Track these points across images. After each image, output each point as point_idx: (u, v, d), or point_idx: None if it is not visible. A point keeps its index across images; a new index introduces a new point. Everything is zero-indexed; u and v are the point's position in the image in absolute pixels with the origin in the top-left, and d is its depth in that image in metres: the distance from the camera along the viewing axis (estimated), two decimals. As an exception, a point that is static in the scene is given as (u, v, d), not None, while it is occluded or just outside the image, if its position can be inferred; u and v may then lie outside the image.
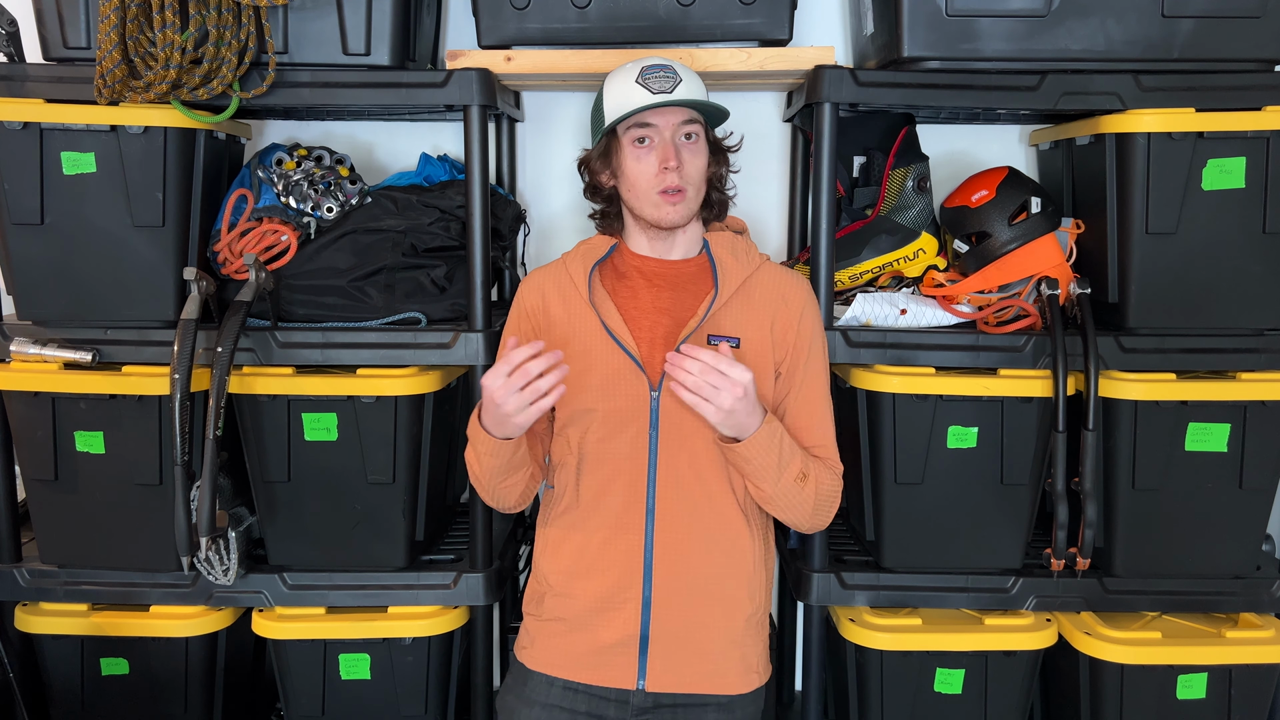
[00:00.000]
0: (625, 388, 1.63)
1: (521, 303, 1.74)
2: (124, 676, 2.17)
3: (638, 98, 1.61)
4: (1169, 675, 2.10)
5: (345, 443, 2.06)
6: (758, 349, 1.67)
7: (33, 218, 2.01)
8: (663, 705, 1.65)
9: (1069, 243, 2.15)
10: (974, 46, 1.98)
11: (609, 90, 1.67)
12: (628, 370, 1.63)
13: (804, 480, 1.62)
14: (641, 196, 1.64)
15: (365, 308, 2.10)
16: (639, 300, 1.68)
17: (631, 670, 1.63)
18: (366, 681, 2.15)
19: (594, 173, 1.71)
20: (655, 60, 1.66)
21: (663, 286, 1.69)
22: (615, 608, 1.64)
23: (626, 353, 1.63)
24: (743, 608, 1.69)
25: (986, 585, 2.13)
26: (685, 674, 1.65)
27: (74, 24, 2.00)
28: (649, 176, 1.62)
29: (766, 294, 1.71)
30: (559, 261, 1.76)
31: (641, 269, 1.71)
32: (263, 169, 2.16)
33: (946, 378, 2.04)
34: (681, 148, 1.62)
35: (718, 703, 1.67)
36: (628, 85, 1.63)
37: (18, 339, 2.05)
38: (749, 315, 1.68)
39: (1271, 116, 1.96)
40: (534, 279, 1.75)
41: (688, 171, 1.62)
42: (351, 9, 2.00)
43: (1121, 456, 2.05)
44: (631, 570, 1.63)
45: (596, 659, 1.65)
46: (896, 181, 2.23)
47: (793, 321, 1.70)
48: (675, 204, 1.62)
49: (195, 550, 1.98)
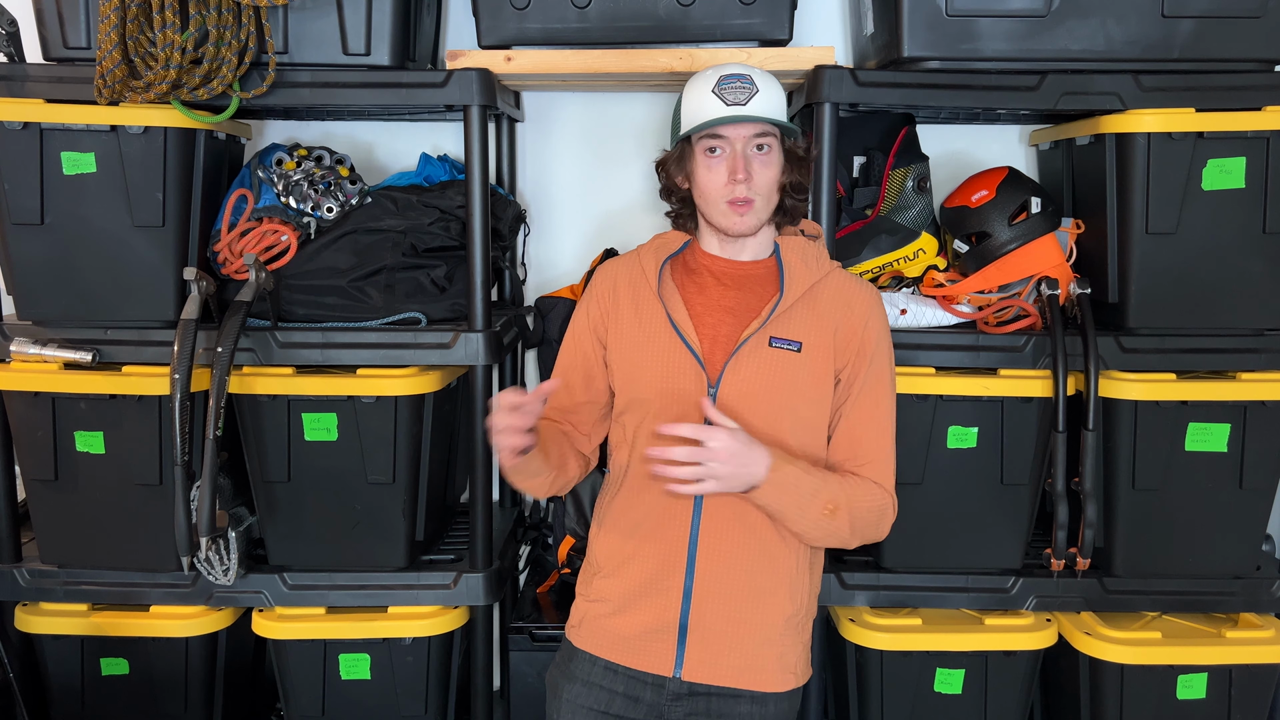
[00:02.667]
0: (683, 381, 1.65)
1: (594, 288, 1.78)
2: (124, 676, 2.17)
3: (711, 108, 1.63)
4: (1169, 675, 2.10)
5: (345, 443, 2.06)
6: (819, 354, 1.67)
7: (33, 218, 2.01)
8: (697, 694, 1.66)
9: (1069, 243, 2.15)
10: (974, 46, 1.98)
11: (688, 96, 1.68)
12: (688, 365, 1.65)
13: (833, 514, 1.60)
14: (711, 204, 1.67)
15: (365, 308, 2.10)
16: (706, 298, 1.70)
17: (670, 657, 1.65)
18: (366, 681, 2.15)
19: (669, 176, 1.73)
20: (734, 70, 1.66)
21: (730, 286, 1.71)
22: (657, 593, 1.66)
23: (689, 348, 1.65)
24: (782, 608, 1.68)
25: (986, 585, 2.13)
26: (721, 667, 1.66)
27: (74, 24, 2.00)
28: (719, 186, 1.64)
29: (833, 300, 1.70)
30: (634, 252, 1.80)
31: (711, 268, 1.73)
32: (263, 169, 2.16)
33: (946, 378, 2.04)
34: (752, 159, 1.64)
35: (751, 696, 1.68)
36: (704, 94, 1.65)
37: (18, 339, 2.05)
38: (813, 320, 1.69)
39: (1271, 116, 1.96)
40: (609, 267, 1.79)
41: (757, 183, 1.64)
42: (351, 9, 2.00)
43: (1121, 456, 2.05)
44: (675, 558, 1.65)
45: (637, 643, 1.67)
46: (896, 181, 2.23)
47: (856, 329, 1.69)
48: (743, 214, 1.65)
49: (195, 550, 1.98)
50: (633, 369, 1.70)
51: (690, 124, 1.65)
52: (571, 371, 1.77)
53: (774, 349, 1.65)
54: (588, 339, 1.76)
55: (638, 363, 1.69)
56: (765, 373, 1.64)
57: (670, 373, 1.66)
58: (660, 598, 1.65)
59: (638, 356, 1.69)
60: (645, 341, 1.69)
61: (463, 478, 2.50)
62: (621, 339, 1.72)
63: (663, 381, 1.66)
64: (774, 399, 1.65)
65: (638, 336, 1.70)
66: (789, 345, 1.66)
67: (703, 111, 1.64)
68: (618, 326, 1.73)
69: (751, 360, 1.64)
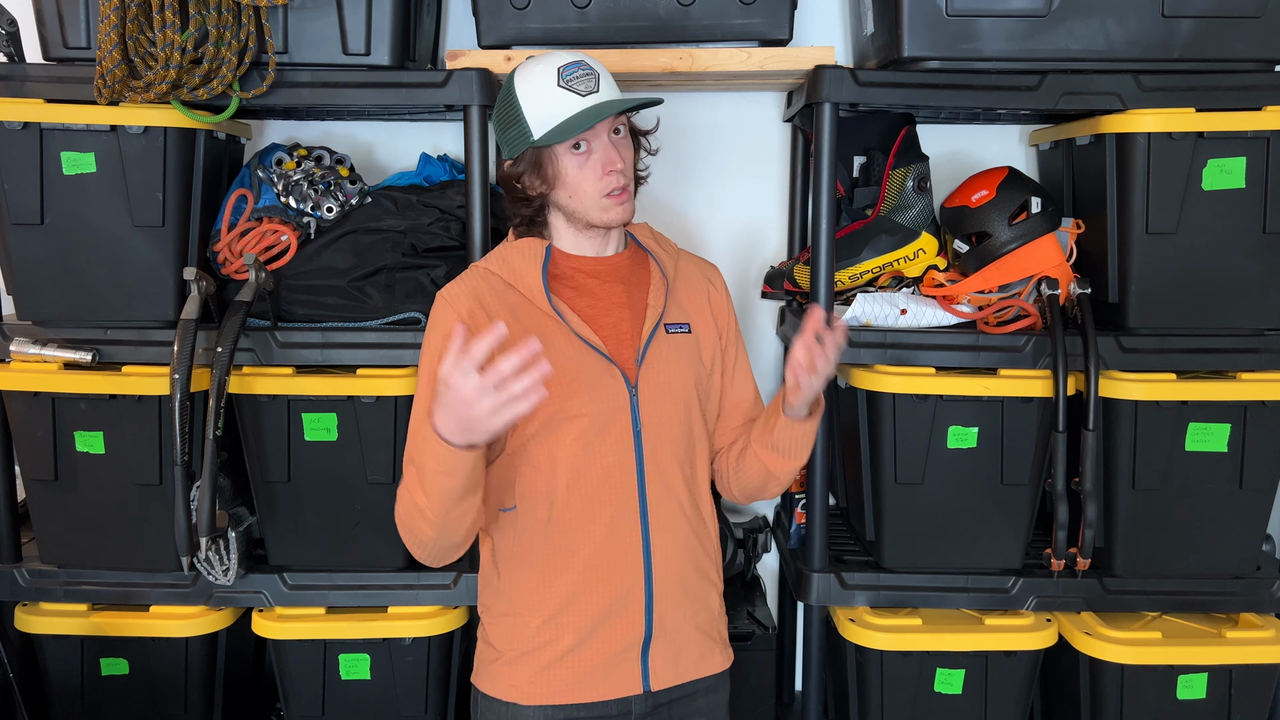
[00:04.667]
0: (605, 390, 1.58)
1: (451, 320, 1.57)
2: (124, 676, 2.16)
3: (567, 104, 1.54)
4: (1169, 675, 2.10)
5: (345, 443, 2.06)
6: (704, 332, 1.70)
7: (33, 218, 2.01)
8: (660, 704, 1.64)
9: (1069, 243, 2.15)
10: (974, 46, 1.98)
11: (527, 96, 1.56)
12: (604, 372, 1.59)
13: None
14: (588, 201, 1.58)
15: (365, 308, 2.10)
16: (595, 299, 1.63)
17: (635, 675, 1.61)
18: (366, 681, 2.15)
19: (525, 186, 1.60)
20: (570, 58, 1.58)
21: (614, 282, 1.66)
22: (620, 614, 1.60)
23: (602, 355, 1.59)
24: (717, 585, 1.72)
25: (986, 585, 2.13)
26: (682, 664, 1.65)
27: (74, 24, 1.99)
28: (594, 182, 1.57)
29: (694, 277, 1.73)
30: (480, 271, 1.64)
31: (582, 268, 1.65)
32: (263, 169, 2.16)
33: (946, 378, 2.04)
34: (617, 146, 1.58)
35: (705, 686, 1.68)
36: (549, 90, 1.55)
37: (18, 339, 2.05)
38: (690, 300, 1.70)
39: (1271, 116, 1.96)
40: (458, 293, 1.61)
41: (626, 169, 1.59)
42: (351, 9, 2.00)
43: (1121, 456, 2.05)
44: (634, 574, 1.60)
45: (602, 674, 1.61)
46: (896, 181, 2.23)
47: (722, 302, 1.74)
48: (622, 203, 1.59)
49: (195, 550, 1.98)
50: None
51: (548, 124, 1.54)
52: None
53: (671, 335, 1.65)
54: None
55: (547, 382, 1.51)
56: (672, 362, 1.63)
57: (589, 385, 1.57)
58: (623, 617, 1.59)
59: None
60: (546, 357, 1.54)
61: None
62: None
63: (583, 395, 1.56)
64: (684, 385, 1.65)
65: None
66: (681, 329, 1.66)
67: (559, 109, 1.54)
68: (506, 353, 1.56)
69: (658, 353, 1.62)
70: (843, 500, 2.47)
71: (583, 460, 1.59)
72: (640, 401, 1.60)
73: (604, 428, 1.59)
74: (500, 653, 1.64)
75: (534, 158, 1.58)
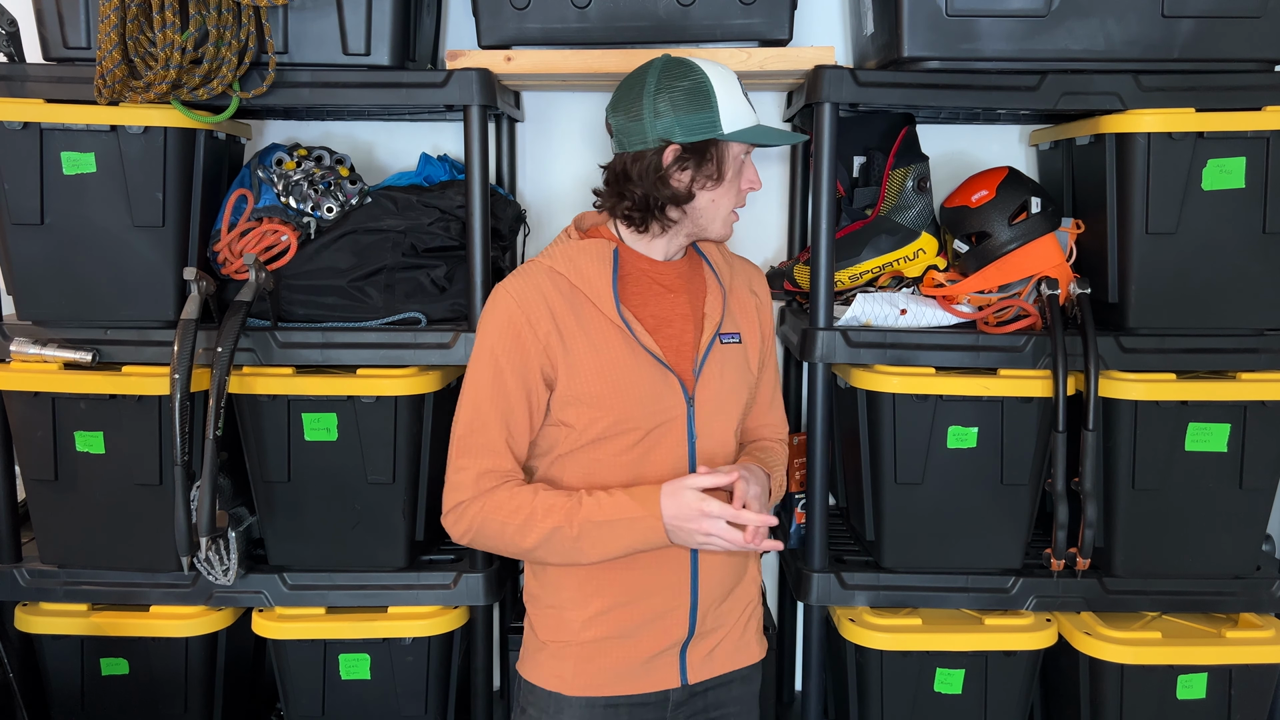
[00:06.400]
0: (664, 401, 1.57)
1: (521, 318, 1.54)
2: (124, 676, 2.17)
3: (747, 115, 1.56)
4: (1169, 675, 2.10)
5: (345, 443, 2.06)
6: (751, 339, 1.71)
7: (33, 218, 2.01)
8: (696, 693, 1.66)
9: (1069, 243, 2.15)
10: (974, 46, 1.98)
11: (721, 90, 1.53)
12: (663, 382, 1.57)
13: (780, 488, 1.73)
14: (720, 210, 1.59)
15: (365, 308, 2.10)
16: (660, 308, 1.61)
17: (674, 670, 1.63)
18: (366, 681, 2.15)
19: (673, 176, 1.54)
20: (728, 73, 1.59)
21: (678, 290, 1.64)
22: (664, 618, 1.61)
23: (663, 364, 1.58)
24: (755, 578, 1.75)
25: (986, 585, 2.13)
26: (718, 657, 1.67)
27: (74, 24, 1.99)
28: (734, 194, 1.60)
29: (742, 286, 1.74)
30: (544, 269, 1.59)
31: (651, 273, 1.63)
32: (263, 169, 2.16)
33: (946, 378, 2.04)
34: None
35: (741, 676, 1.71)
36: (738, 95, 1.56)
37: (18, 339, 2.05)
38: (740, 309, 1.71)
39: (1271, 116, 1.96)
40: (524, 289, 1.56)
41: None
42: (351, 9, 2.00)
43: (1121, 456, 2.05)
44: (680, 581, 1.60)
45: (642, 669, 1.62)
46: (896, 181, 2.23)
47: (767, 311, 1.77)
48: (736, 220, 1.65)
49: (195, 550, 1.98)
50: (598, 402, 1.54)
51: (736, 125, 1.54)
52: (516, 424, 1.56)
53: (725, 345, 1.65)
54: (534, 379, 1.55)
55: (603, 395, 1.54)
56: (726, 372, 1.64)
57: (650, 396, 1.56)
58: (667, 619, 1.61)
59: (599, 388, 1.54)
60: (607, 369, 1.54)
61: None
62: (578, 373, 1.54)
63: (643, 405, 1.55)
64: (737, 395, 1.66)
65: (596, 365, 1.54)
66: (733, 339, 1.66)
67: (743, 116, 1.55)
68: (571, 360, 1.54)
69: (714, 363, 1.63)
70: (843, 500, 2.47)
71: (637, 469, 1.58)
72: (697, 412, 1.60)
73: (660, 438, 1.58)
74: (544, 643, 1.65)
75: (706, 151, 1.54)
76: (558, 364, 1.55)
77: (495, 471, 1.56)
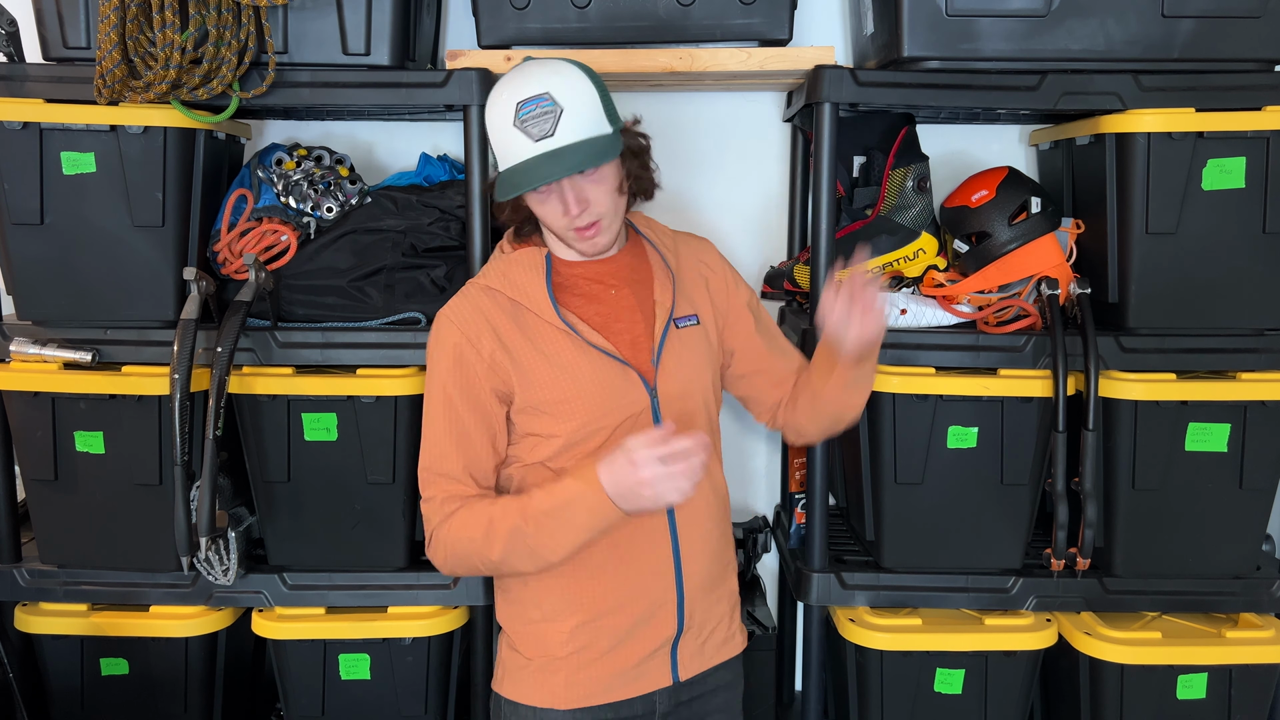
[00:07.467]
0: (625, 398, 1.57)
1: (463, 341, 1.55)
2: (124, 676, 2.16)
3: (519, 148, 1.46)
4: (1169, 675, 2.10)
5: (345, 443, 2.06)
6: (707, 317, 1.68)
7: (33, 218, 2.01)
8: (681, 702, 1.65)
9: (1069, 243, 2.15)
10: (974, 46, 1.98)
11: (492, 124, 1.51)
12: (622, 379, 1.57)
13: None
14: (558, 232, 1.56)
15: (365, 308, 2.10)
16: (602, 305, 1.60)
17: (665, 669, 1.63)
18: (366, 682, 2.15)
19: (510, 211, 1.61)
20: (530, 92, 1.46)
21: (621, 284, 1.63)
22: (653, 616, 1.60)
23: (619, 360, 1.57)
24: (734, 568, 1.75)
25: (986, 585, 2.13)
26: (707, 650, 1.67)
27: (74, 24, 1.99)
28: (557, 218, 1.52)
29: (691, 262, 1.70)
30: (480, 288, 1.60)
31: (586, 274, 1.61)
32: (262, 169, 2.16)
33: (946, 378, 2.04)
34: (583, 186, 1.49)
35: (723, 683, 1.70)
36: (506, 128, 1.47)
37: (18, 339, 2.05)
38: (693, 289, 1.68)
39: (1271, 116, 1.96)
40: (463, 311, 1.57)
41: (595, 206, 1.51)
42: (351, 9, 2.00)
43: (1121, 456, 2.05)
44: (665, 577, 1.59)
45: (635, 672, 1.61)
46: (896, 181, 2.23)
47: (719, 282, 1.71)
48: (593, 236, 1.54)
49: (195, 550, 1.98)
50: (559, 408, 1.53)
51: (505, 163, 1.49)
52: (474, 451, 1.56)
53: (682, 329, 1.62)
54: (486, 400, 1.55)
55: (562, 400, 1.53)
56: (686, 358, 1.62)
57: (609, 395, 1.55)
58: (656, 621, 1.60)
59: (557, 395, 1.53)
60: (560, 375, 1.54)
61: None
62: (532, 384, 1.54)
63: (604, 406, 1.54)
64: (700, 379, 1.64)
65: (549, 373, 1.54)
66: (689, 321, 1.64)
67: (512, 151, 1.47)
68: (523, 372, 1.54)
69: (672, 351, 1.61)
70: (843, 500, 2.47)
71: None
72: (661, 403, 1.59)
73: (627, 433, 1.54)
74: (529, 659, 1.62)
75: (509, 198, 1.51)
76: (509, 379, 1.55)
77: (458, 496, 1.55)
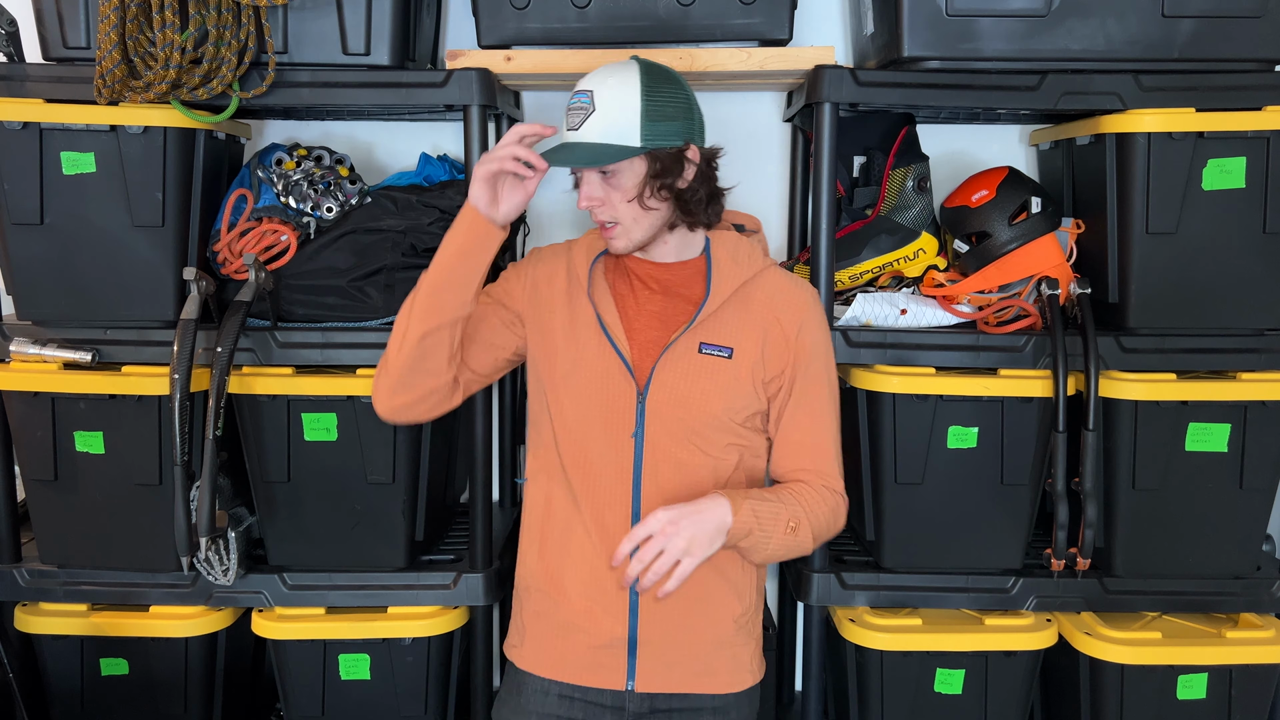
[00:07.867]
0: (613, 388, 1.61)
1: (535, 268, 1.72)
2: (124, 677, 2.16)
3: (561, 130, 1.61)
4: (1169, 675, 2.10)
5: (345, 443, 2.06)
6: (749, 359, 1.62)
7: (33, 218, 2.01)
8: (659, 709, 1.64)
9: (1069, 243, 2.15)
10: (974, 46, 1.98)
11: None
12: (617, 371, 1.61)
13: (796, 531, 1.56)
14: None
15: (365, 308, 2.10)
16: (637, 302, 1.66)
17: (621, 671, 1.62)
18: (366, 682, 2.15)
19: None
20: (584, 86, 1.58)
21: (654, 290, 1.66)
22: (603, 611, 1.62)
23: (619, 354, 1.61)
24: (730, 609, 1.66)
25: (986, 585, 2.13)
26: (674, 674, 1.64)
27: (74, 24, 1.99)
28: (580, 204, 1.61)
29: (766, 301, 1.65)
30: (564, 246, 1.75)
31: (636, 271, 1.68)
32: (262, 169, 2.16)
33: (946, 378, 2.04)
34: (596, 184, 1.57)
35: (713, 706, 1.66)
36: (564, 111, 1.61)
37: (18, 339, 2.05)
38: (744, 322, 1.63)
39: (1271, 116, 1.96)
40: (552, 256, 1.74)
41: (607, 209, 1.57)
42: (351, 9, 2.00)
43: (1121, 456, 2.05)
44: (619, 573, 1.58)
45: (590, 658, 1.63)
46: (896, 181, 2.23)
47: (790, 332, 1.64)
48: (612, 236, 1.60)
49: (195, 550, 1.98)
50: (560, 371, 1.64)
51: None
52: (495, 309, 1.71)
53: (704, 355, 1.60)
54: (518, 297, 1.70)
55: (566, 365, 1.63)
56: (695, 379, 1.60)
57: (598, 379, 1.61)
58: (606, 614, 1.61)
59: (564, 359, 1.64)
60: (574, 343, 1.64)
61: (463, 478, 2.50)
62: (548, 332, 1.66)
63: (590, 387, 1.61)
64: (706, 406, 1.59)
65: (567, 336, 1.65)
66: (719, 351, 1.61)
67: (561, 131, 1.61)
68: (545, 318, 1.67)
69: (679, 366, 1.60)
70: (843, 500, 2.47)
71: (579, 452, 1.62)
72: (647, 409, 1.60)
73: (606, 426, 1.61)
74: (515, 616, 1.75)
75: None
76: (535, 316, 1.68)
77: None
